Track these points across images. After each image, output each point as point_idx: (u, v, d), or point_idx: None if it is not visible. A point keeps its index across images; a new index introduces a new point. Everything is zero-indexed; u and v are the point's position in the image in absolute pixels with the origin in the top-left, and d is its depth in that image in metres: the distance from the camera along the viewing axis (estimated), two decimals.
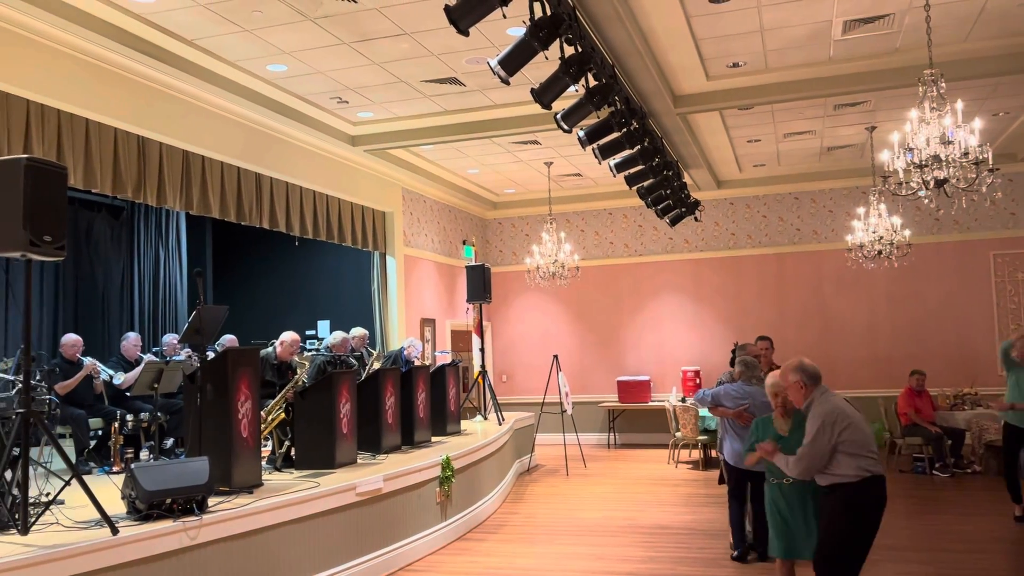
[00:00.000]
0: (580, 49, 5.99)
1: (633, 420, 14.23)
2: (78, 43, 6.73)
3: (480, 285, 11.46)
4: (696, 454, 11.93)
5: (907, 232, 10.56)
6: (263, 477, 6.01)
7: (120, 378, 7.91)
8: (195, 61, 7.62)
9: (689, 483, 10.22)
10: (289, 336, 7.69)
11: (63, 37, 6.60)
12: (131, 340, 8.39)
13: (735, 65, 8.53)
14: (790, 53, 8.28)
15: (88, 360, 7.68)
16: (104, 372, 7.80)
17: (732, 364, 6.91)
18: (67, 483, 4.70)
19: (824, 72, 8.70)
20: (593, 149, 7.76)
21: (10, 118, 6.37)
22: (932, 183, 6.09)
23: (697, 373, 13.48)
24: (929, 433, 10.25)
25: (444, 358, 11.80)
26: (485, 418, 11.59)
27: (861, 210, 10.87)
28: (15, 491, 4.44)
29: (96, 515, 4.35)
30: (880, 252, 10.52)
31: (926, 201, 6.42)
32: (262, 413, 6.45)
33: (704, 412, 10.92)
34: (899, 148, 6.30)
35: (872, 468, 4.27)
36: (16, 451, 4.34)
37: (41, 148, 6.56)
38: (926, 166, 6.05)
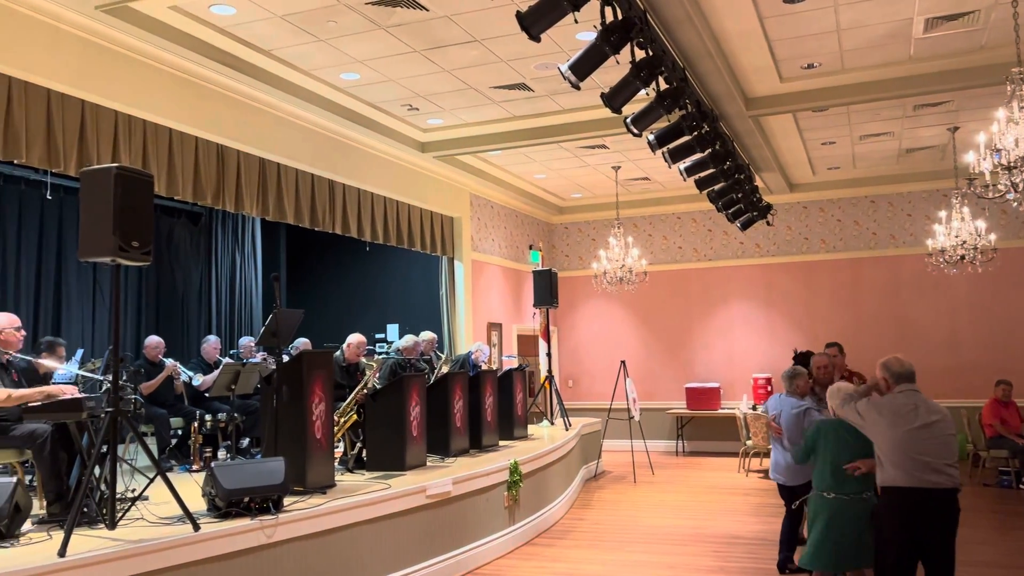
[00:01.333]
0: (651, 52, 5.95)
1: (702, 427, 14.01)
2: (163, 55, 7.00)
3: (547, 290, 11.46)
4: (767, 463, 11.67)
5: (992, 236, 10.16)
6: (335, 478, 6.13)
7: (199, 379, 8.17)
8: (272, 71, 7.84)
9: (761, 492, 10.01)
10: (355, 338, 7.84)
11: (149, 50, 6.87)
12: (212, 343, 8.66)
13: (810, 66, 8.34)
14: (868, 53, 8.05)
15: (169, 361, 7.95)
16: (184, 373, 8.06)
17: None
18: (151, 480, 4.87)
19: (904, 72, 8.43)
20: (663, 153, 7.69)
21: (99, 128, 6.66)
22: (1021, 185, 5.85)
23: (768, 380, 13.19)
24: (1016, 445, 9.82)
25: (511, 362, 11.83)
26: (552, 423, 11.58)
27: (942, 213, 10.49)
28: (103, 487, 4.62)
29: (178, 511, 4.49)
30: (963, 257, 10.13)
31: (1014, 204, 6.16)
32: (334, 415, 6.57)
33: None
34: (985, 149, 6.07)
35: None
36: (105, 448, 4.50)
37: (128, 157, 6.84)
38: (1015, 168, 5.82)
